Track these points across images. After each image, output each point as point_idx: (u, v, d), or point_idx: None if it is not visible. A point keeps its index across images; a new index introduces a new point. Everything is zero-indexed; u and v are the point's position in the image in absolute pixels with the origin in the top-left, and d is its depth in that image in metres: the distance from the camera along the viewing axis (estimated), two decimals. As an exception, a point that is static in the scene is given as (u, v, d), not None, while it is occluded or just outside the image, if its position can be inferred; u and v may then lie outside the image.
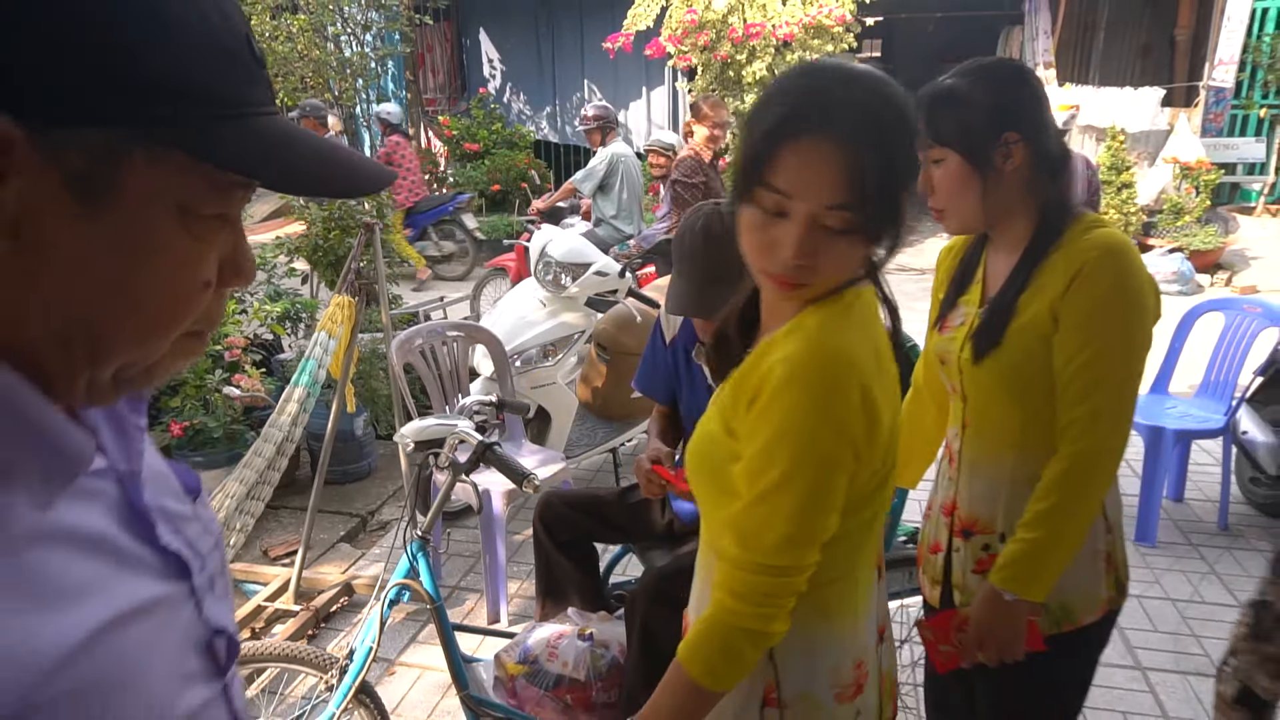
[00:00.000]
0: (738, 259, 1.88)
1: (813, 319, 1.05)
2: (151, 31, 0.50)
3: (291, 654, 1.94)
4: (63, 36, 0.47)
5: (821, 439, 0.99)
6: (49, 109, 0.47)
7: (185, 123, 0.51)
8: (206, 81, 0.52)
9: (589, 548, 2.28)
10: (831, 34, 8.63)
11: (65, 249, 0.50)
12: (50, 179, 0.48)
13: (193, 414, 3.54)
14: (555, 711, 2.00)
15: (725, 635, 1.04)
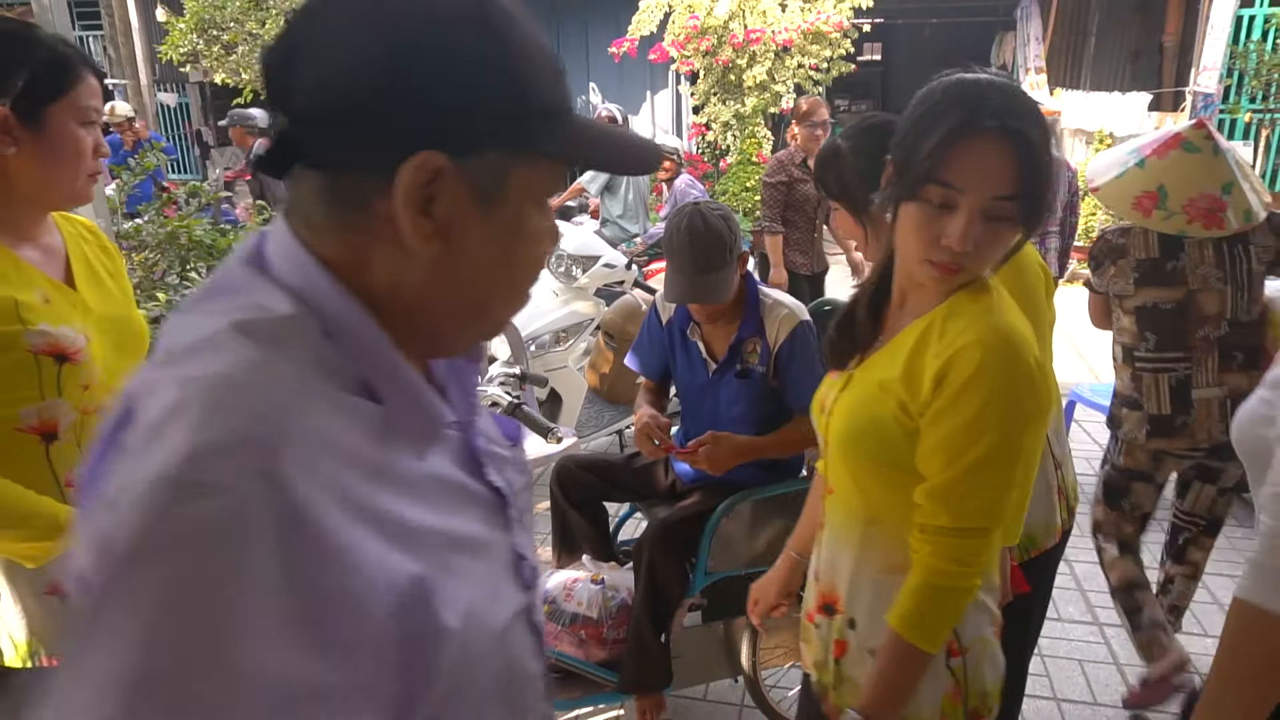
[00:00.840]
0: (721, 251, 2.19)
1: (980, 303, 1.17)
2: (528, 69, 0.64)
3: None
4: (481, 87, 0.62)
5: (1022, 410, 1.12)
6: (467, 143, 0.62)
7: (548, 133, 0.66)
8: (553, 98, 0.66)
9: (600, 507, 2.55)
10: (829, 40, 8.92)
11: (471, 246, 0.65)
12: (464, 194, 0.63)
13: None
14: (571, 645, 2.27)
15: (942, 599, 1.15)
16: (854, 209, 1.72)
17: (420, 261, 0.63)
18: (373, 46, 0.60)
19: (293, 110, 0.62)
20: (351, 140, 0.62)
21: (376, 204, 0.62)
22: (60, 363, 1.30)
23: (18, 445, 1.29)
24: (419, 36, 0.61)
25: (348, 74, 0.61)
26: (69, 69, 1.29)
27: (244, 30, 9.46)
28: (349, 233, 0.63)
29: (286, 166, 0.64)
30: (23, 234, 1.34)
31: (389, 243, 0.63)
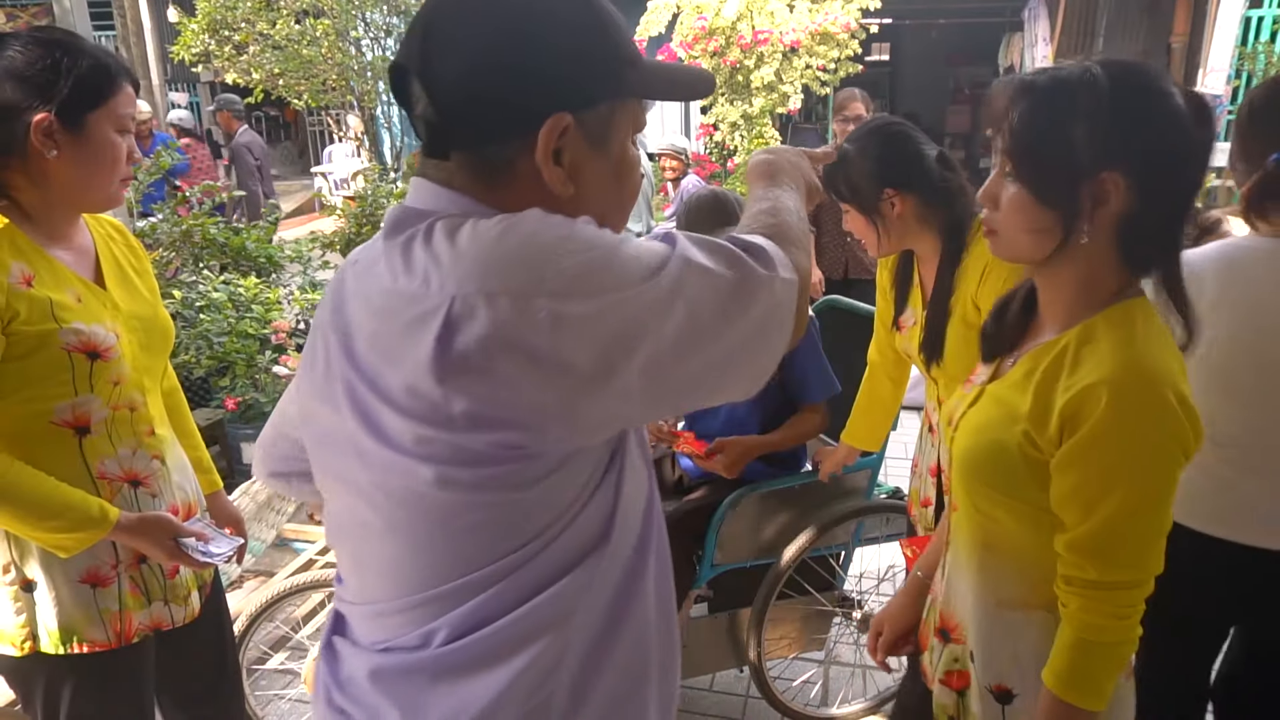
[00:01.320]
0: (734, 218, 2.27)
1: (1119, 331, 1.06)
2: (614, 28, 0.83)
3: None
4: (589, 51, 0.81)
5: (1159, 457, 1.02)
6: (584, 99, 0.81)
7: (635, 78, 0.84)
8: (631, 47, 0.84)
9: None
10: (837, 40, 8.95)
11: (592, 182, 0.85)
12: (582, 142, 0.82)
13: (244, 391, 3.87)
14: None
15: (1101, 654, 1.06)
16: (865, 209, 1.79)
17: (559, 203, 0.81)
18: (503, 36, 0.78)
19: (439, 104, 0.80)
20: (497, 117, 0.80)
21: (520, 164, 0.81)
22: (92, 360, 1.35)
23: (53, 438, 1.35)
24: (538, 20, 0.79)
25: (486, 64, 0.78)
26: (111, 78, 1.34)
27: (255, 30, 9.53)
28: (502, 191, 0.82)
29: (445, 154, 0.83)
30: (56, 235, 1.39)
31: (535, 192, 0.81)
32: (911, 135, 1.81)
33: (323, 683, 0.95)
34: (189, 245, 4.75)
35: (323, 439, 0.90)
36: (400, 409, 0.78)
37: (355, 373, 0.82)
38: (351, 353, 0.83)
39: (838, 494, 2.34)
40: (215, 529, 1.53)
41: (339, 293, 0.89)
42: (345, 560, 0.93)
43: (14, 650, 1.38)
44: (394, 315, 0.79)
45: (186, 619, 1.54)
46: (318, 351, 0.90)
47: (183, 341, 3.86)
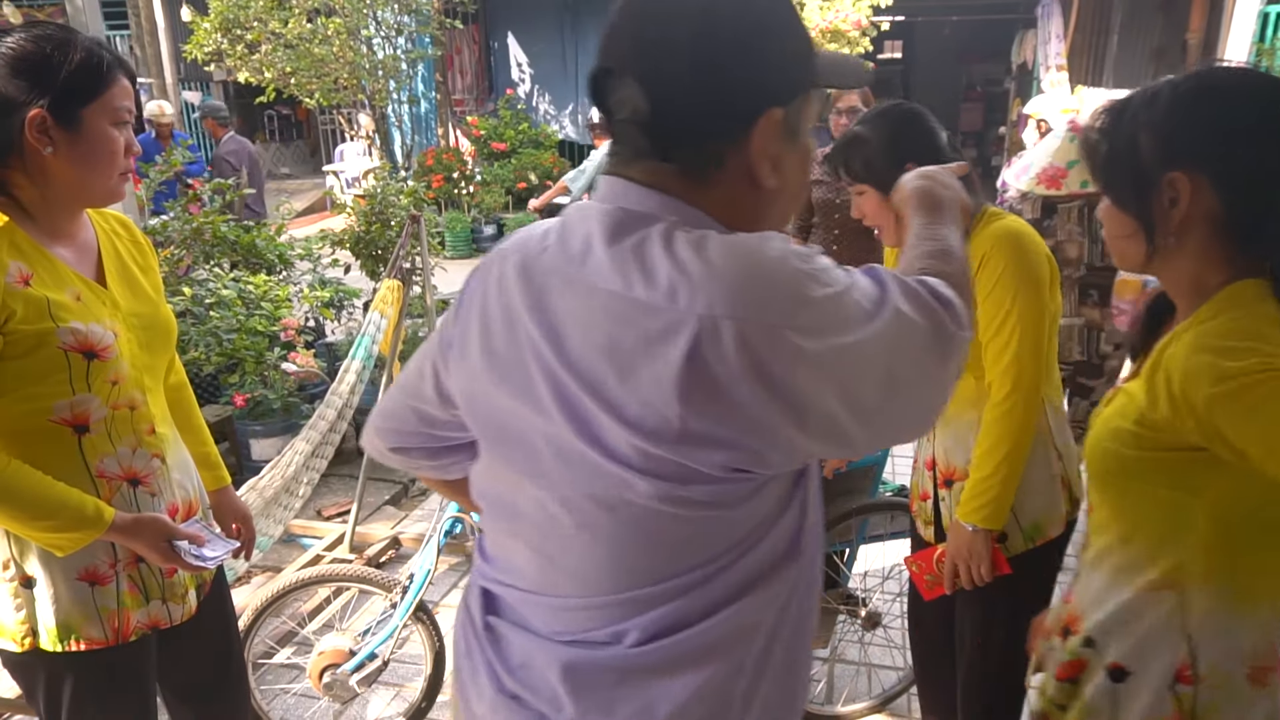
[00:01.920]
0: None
1: (1214, 308, 1.05)
2: (801, 23, 0.88)
3: (364, 576, 2.28)
4: (790, 47, 0.86)
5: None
6: (789, 93, 0.85)
7: (819, 68, 0.89)
8: (811, 38, 0.90)
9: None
10: (848, 38, 8.92)
11: (789, 171, 0.89)
12: (783, 133, 0.86)
13: (253, 388, 3.89)
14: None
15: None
16: (882, 187, 1.71)
17: (761, 196, 0.87)
18: (718, 35, 0.81)
19: (658, 105, 0.82)
20: (717, 115, 0.83)
21: (730, 160, 0.85)
22: (89, 359, 1.34)
23: (52, 436, 1.34)
24: (748, 17, 0.83)
25: (704, 63, 0.81)
26: (105, 71, 1.33)
27: (267, 29, 9.58)
28: (711, 188, 0.85)
29: (656, 155, 0.85)
30: (57, 232, 1.38)
31: (740, 187, 0.86)
32: (925, 114, 1.79)
33: (485, 664, 0.97)
34: (200, 243, 4.77)
35: (506, 430, 0.92)
36: (626, 421, 0.80)
37: (569, 373, 0.83)
38: (563, 351, 0.84)
39: (841, 491, 2.34)
40: (211, 531, 1.53)
41: (531, 283, 0.88)
42: (520, 549, 0.95)
43: (14, 646, 1.39)
44: (630, 324, 0.80)
45: (184, 617, 1.53)
46: (497, 338, 0.90)
47: (192, 338, 3.89)
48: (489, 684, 0.96)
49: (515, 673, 0.94)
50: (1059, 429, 1.78)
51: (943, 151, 1.74)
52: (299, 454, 2.97)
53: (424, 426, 1.07)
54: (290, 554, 3.44)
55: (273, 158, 15.36)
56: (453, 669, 1.08)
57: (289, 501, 2.96)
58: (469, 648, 1.01)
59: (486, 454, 0.98)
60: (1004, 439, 1.67)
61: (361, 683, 2.19)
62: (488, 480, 0.99)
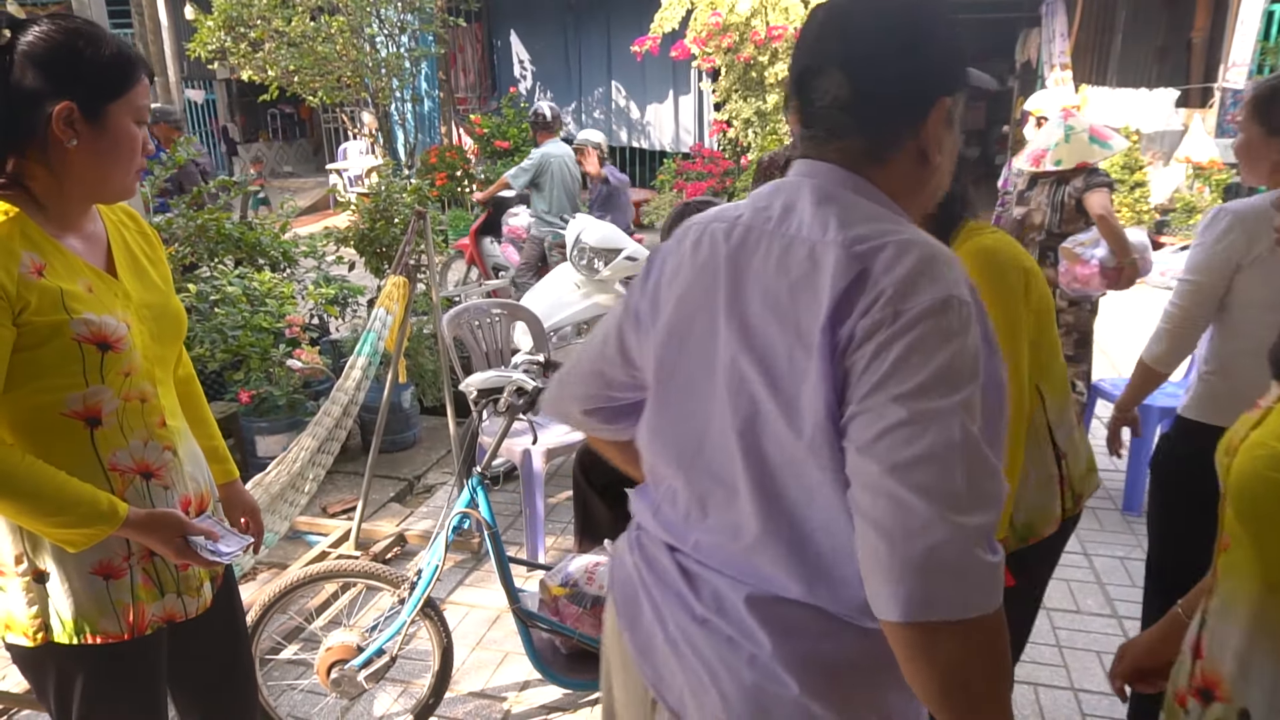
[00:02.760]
0: None
1: None
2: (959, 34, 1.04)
3: (372, 572, 2.27)
4: (957, 44, 1.02)
5: None
6: (957, 84, 1.01)
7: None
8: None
9: (621, 492, 2.58)
10: (852, 36, 8.90)
11: (948, 156, 1.03)
12: (947, 120, 1.01)
13: (258, 384, 3.89)
14: (592, 627, 2.32)
15: None
16: None
17: (929, 170, 1.02)
18: (913, 31, 0.98)
19: (862, 92, 0.97)
20: (910, 101, 0.99)
21: (907, 142, 1.00)
22: (103, 351, 1.33)
23: (64, 429, 1.33)
24: (932, 15, 0.99)
25: (902, 55, 0.97)
26: (131, 68, 1.33)
27: (270, 28, 9.57)
28: (888, 168, 1.00)
29: (849, 137, 1.00)
30: (69, 224, 1.37)
31: (909, 167, 1.01)
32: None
33: (674, 592, 1.08)
34: (204, 240, 4.77)
35: (691, 386, 1.05)
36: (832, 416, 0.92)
37: (750, 356, 0.97)
38: (748, 334, 0.98)
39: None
40: (225, 526, 1.52)
41: (727, 260, 1.02)
42: (716, 499, 1.05)
43: (26, 641, 1.38)
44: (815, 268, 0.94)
45: (199, 610, 1.53)
46: (690, 300, 1.04)
47: (197, 334, 3.88)
48: (680, 609, 1.07)
49: (706, 603, 1.05)
50: (1060, 424, 1.76)
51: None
52: (304, 450, 2.96)
53: (605, 388, 1.20)
54: (296, 550, 3.43)
55: (276, 156, 15.36)
56: (617, 609, 1.18)
57: (294, 498, 2.95)
58: (648, 581, 1.12)
59: (666, 406, 1.09)
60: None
61: (369, 679, 2.19)
62: (666, 436, 1.10)
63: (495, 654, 2.78)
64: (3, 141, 1.29)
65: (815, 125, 1.02)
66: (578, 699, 2.54)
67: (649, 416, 1.14)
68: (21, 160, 1.30)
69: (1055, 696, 2.56)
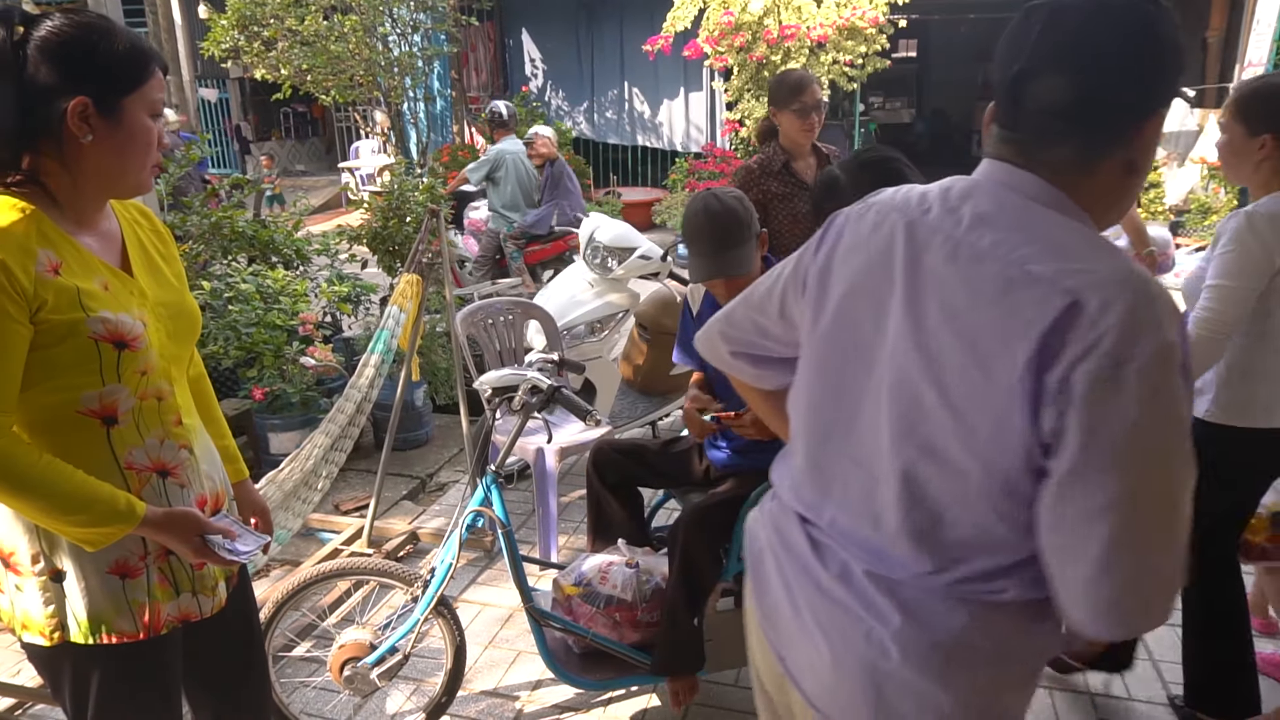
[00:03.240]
0: (738, 228, 2.25)
1: None
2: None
3: (385, 569, 2.27)
4: (1180, 71, 1.00)
5: None
6: (1169, 100, 1.00)
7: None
8: None
9: (635, 492, 2.58)
10: (864, 36, 8.87)
11: (1148, 167, 1.03)
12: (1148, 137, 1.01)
13: (271, 382, 3.90)
14: (606, 627, 2.31)
15: None
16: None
17: (1131, 182, 1.01)
18: (1147, 50, 0.96)
19: (1077, 104, 0.96)
20: (1128, 113, 0.98)
21: (1108, 157, 0.99)
22: (119, 349, 1.32)
23: (80, 427, 1.33)
24: (1163, 33, 0.96)
25: (1133, 71, 0.96)
26: (145, 62, 1.32)
27: (284, 27, 9.60)
28: (1085, 182, 0.99)
29: (1053, 147, 0.99)
30: (84, 221, 1.37)
31: (1103, 182, 1.00)
32: (903, 174, 1.80)
33: (801, 563, 1.12)
34: (218, 238, 4.79)
35: (847, 362, 1.09)
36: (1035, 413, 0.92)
37: (920, 357, 0.99)
38: (922, 335, 0.99)
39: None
40: (243, 525, 1.51)
41: (914, 239, 1.03)
42: (855, 482, 1.08)
43: (43, 640, 1.38)
44: (1004, 292, 0.94)
45: (214, 609, 1.52)
46: (862, 303, 1.07)
47: (211, 331, 3.89)
48: (810, 586, 1.10)
49: (832, 573, 1.09)
50: None
51: None
52: (318, 447, 2.96)
53: (757, 336, 1.26)
54: (309, 547, 3.43)
55: (288, 155, 15.42)
56: (751, 576, 1.23)
57: (307, 495, 2.95)
58: (777, 551, 1.16)
59: (819, 380, 1.13)
60: None
61: (382, 676, 2.18)
62: (814, 409, 1.14)
63: (508, 653, 2.78)
64: (18, 138, 1.27)
65: (1022, 129, 1.01)
66: (590, 698, 2.53)
67: (801, 385, 1.18)
68: (37, 157, 1.29)
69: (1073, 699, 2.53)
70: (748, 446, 2.38)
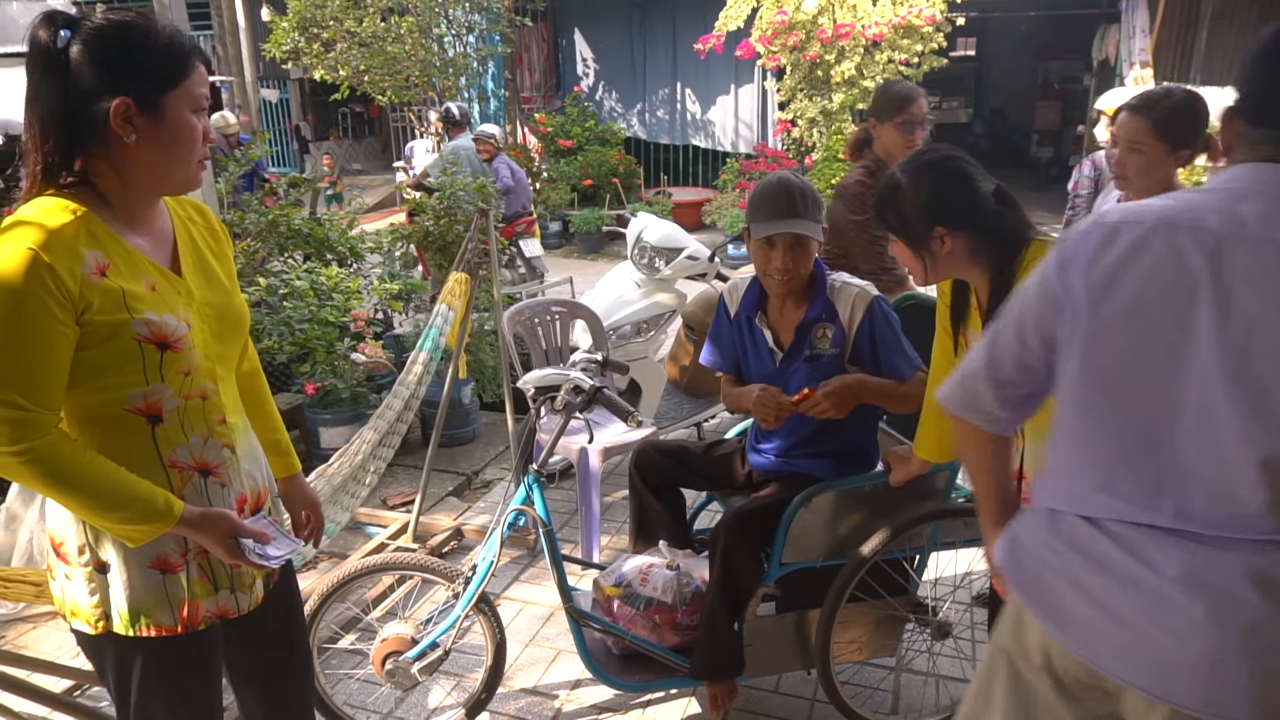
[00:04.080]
0: (811, 201, 2.24)
1: None
2: None
3: (428, 565, 2.29)
4: None
5: None
6: None
7: None
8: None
9: (677, 493, 2.57)
10: (921, 34, 8.72)
11: None
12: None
13: (323, 377, 3.97)
14: (646, 629, 2.30)
15: None
16: (913, 243, 1.76)
17: None
18: None
19: None
20: None
21: None
22: (162, 350, 1.34)
23: (127, 425, 1.35)
24: None
25: None
26: (185, 57, 1.33)
27: (342, 28, 9.78)
28: None
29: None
30: (135, 221, 1.38)
31: None
32: (968, 173, 1.75)
33: (1126, 576, 1.14)
34: (275, 235, 4.89)
35: (1150, 402, 1.13)
36: None
37: (1266, 359, 1.04)
38: (1255, 336, 1.04)
39: (913, 496, 2.27)
40: (278, 529, 1.53)
41: (1208, 272, 1.07)
42: (1195, 479, 1.11)
43: (89, 628, 1.41)
44: None
45: (251, 606, 1.54)
46: (1155, 322, 1.11)
47: (265, 327, 3.98)
48: (1133, 588, 1.12)
49: (1171, 573, 1.10)
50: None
51: (982, 213, 1.73)
52: (366, 443, 3.01)
53: (1018, 372, 1.30)
54: (356, 541, 3.49)
55: (345, 154, 15.71)
56: (1039, 607, 1.23)
57: (356, 489, 3.00)
58: (1085, 570, 1.18)
59: (1105, 400, 1.17)
60: None
61: (423, 671, 2.20)
62: (1106, 427, 1.17)
63: (548, 651, 2.79)
64: (68, 141, 1.29)
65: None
66: (629, 699, 2.53)
67: (1082, 403, 1.21)
68: (88, 158, 1.31)
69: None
70: (790, 451, 2.36)
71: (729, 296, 2.41)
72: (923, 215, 1.72)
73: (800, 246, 2.16)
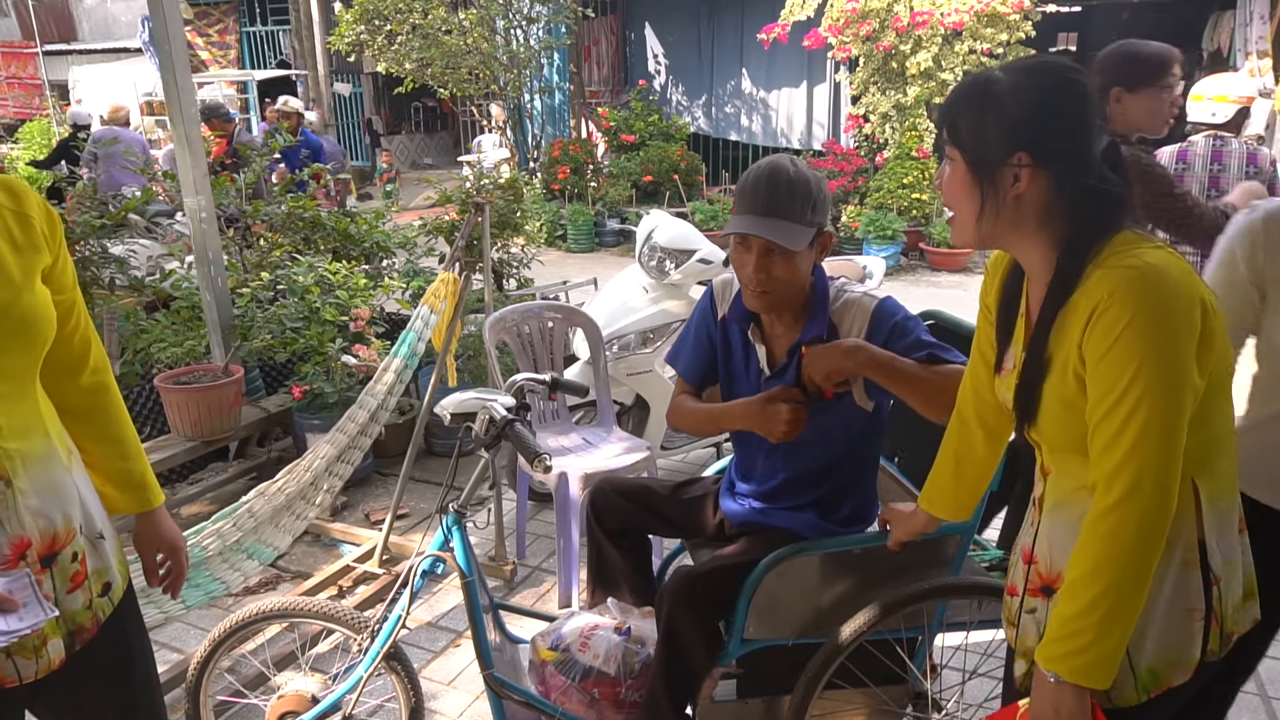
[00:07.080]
0: (796, 200, 1.80)
1: None
2: None
3: (329, 613, 1.97)
4: None
5: None
6: None
7: None
8: None
9: (640, 539, 2.19)
10: (1007, 22, 8.05)
11: None
12: None
13: (314, 379, 3.72)
14: (580, 704, 1.93)
15: None
16: (977, 165, 1.25)
17: None
18: None
19: None
20: None
21: None
22: None
23: None
24: None
25: None
26: None
27: (407, 21, 9.69)
28: None
29: None
30: None
31: None
32: (1088, 96, 1.24)
33: None
34: (298, 228, 4.70)
35: None
36: None
37: None
38: None
39: (915, 564, 1.83)
40: (35, 593, 1.24)
41: None
42: None
43: None
44: None
45: (41, 673, 1.27)
46: None
47: (257, 325, 3.76)
48: None
49: None
50: (1220, 538, 1.23)
51: (1086, 159, 1.21)
52: (320, 458, 2.72)
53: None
54: (325, 558, 3.23)
55: (417, 148, 15.78)
56: None
57: (303, 509, 2.72)
58: None
59: None
60: (1108, 564, 1.14)
61: (323, 737, 1.89)
62: None
63: (499, 707, 2.44)
64: None
65: None
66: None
67: None
68: None
69: None
70: (771, 496, 1.95)
71: (719, 293, 2.00)
72: (1010, 128, 1.21)
73: (778, 252, 1.74)
